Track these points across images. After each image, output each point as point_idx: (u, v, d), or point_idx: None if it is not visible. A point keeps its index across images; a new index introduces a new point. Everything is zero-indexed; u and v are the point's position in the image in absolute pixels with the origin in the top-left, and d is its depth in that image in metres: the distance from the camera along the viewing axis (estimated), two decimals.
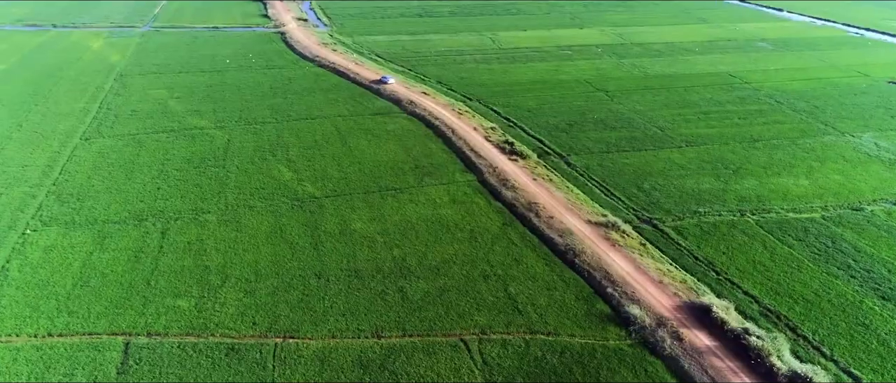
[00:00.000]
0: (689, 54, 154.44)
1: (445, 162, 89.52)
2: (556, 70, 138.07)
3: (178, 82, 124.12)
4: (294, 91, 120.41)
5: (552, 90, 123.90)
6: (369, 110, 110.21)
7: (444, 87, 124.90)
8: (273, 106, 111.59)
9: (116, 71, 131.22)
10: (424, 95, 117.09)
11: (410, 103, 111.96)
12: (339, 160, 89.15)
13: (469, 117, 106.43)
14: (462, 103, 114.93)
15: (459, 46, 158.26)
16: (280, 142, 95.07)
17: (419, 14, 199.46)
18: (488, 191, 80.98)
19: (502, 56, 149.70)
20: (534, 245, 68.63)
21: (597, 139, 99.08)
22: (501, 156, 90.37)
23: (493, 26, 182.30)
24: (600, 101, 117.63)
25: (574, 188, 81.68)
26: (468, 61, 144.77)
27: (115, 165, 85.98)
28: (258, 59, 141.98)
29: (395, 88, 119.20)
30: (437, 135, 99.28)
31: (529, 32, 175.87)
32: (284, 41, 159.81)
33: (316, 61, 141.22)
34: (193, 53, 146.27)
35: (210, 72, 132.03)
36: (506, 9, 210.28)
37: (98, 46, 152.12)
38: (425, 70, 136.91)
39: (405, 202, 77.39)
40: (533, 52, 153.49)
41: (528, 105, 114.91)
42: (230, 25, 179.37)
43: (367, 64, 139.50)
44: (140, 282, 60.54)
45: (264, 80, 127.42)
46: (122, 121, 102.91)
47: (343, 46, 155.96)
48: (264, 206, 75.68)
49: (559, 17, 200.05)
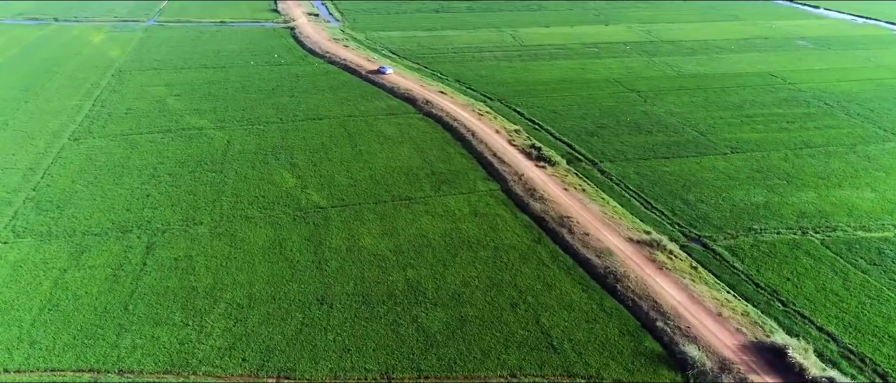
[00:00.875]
0: (724, 53, 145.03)
1: (465, 168, 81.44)
2: (582, 68, 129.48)
3: (179, 79, 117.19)
4: (301, 89, 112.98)
5: (579, 90, 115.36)
6: (382, 110, 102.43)
7: (463, 86, 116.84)
8: (278, 105, 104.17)
9: (115, 66, 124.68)
10: (441, 94, 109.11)
11: (426, 103, 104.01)
12: (347, 165, 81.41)
13: (490, 118, 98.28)
14: (482, 103, 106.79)
15: (478, 43, 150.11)
16: (284, 145, 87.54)
17: (436, 9, 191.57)
18: (514, 202, 72.76)
19: (524, 53, 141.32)
20: (568, 266, 60.35)
21: (631, 144, 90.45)
22: (527, 162, 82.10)
23: (513, 22, 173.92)
24: (632, 102, 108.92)
25: (610, 199, 73.23)
26: (488, 59, 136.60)
27: (102, 169, 78.88)
28: (263, 56, 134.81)
29: (402, 82, 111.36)
30: (455, 137, 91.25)
31: (552, 29, 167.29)
32: (293, 36, 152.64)
33: (326, 57, 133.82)
34: (197, 49, 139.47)
35: (213, 68, 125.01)
36: (526, 5, 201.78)
37: (98, 41, 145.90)
38: (442, 67, 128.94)
39: (420, 214, 69.41)
40: (557, 50, 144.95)
41: (554, 106, 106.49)
42: (237, 21, 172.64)
43: (380, 59, 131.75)
44: (116, 305, 53.08)
45: (270, 76, 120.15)
46: (115, 119, 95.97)
47: (355, 42, 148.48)
48: (263, 217, 68.09)
49: (582, 13, 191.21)
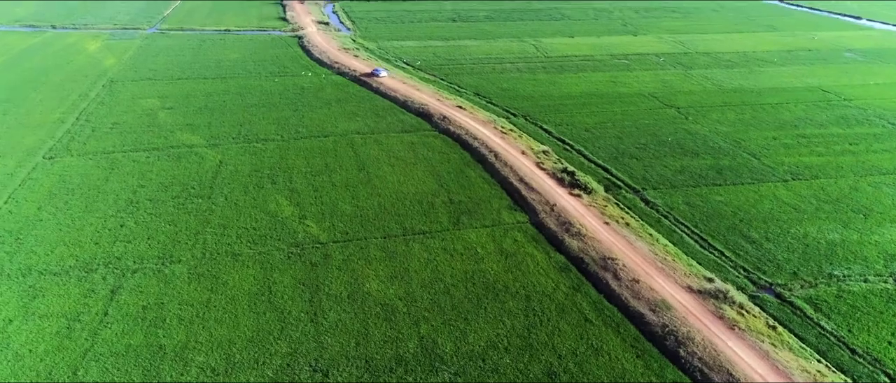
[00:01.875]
0: (766, 65, 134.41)
1: (488, 195, 71.61)
2: (613, 81, 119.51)
3: (174, 91, 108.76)
4: (306, 102, 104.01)
5: (611, 105, 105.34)
6: (394, 126, 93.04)
7: (483, 100, 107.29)
8: (280, 120, 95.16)
9: (107, 76, 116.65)
10: (460, 109, 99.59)
11: (443, 119, 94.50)
12: (353, 191, 71.89)
13: (515, 137, 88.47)
14: (505, 120, 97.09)
15: (499, 53, 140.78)
16: (282, 166, 78.29)
17: (452, 18, 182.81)
18: (546, 237, 62.72)
19: (549, 65, 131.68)
20: (616, 322, 50.14)
21: (677, 168, 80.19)
22: (560, 189, 72.10)
23: (535, 32, 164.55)
24: (672, 120, 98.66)
25: (659, 236, 62.93)
26: (510, 70, 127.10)
27: (75, 193, 69.98)
28: (266, 66, 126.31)
29: (416, 96, 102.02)
30: (476, 159, 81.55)
31: (577, 39, 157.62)
32: (301, 46, 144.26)
33: (334, 68, 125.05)
34: (197, 58, 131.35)
35: (212, 79, 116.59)
36: (548, 14, 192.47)
37: (94, 49, 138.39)
38: (460, 80, 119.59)
39: (436, 252, 59.57)
40: (583, 61, 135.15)
41: (585, 123, 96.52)
42: (243, 28, 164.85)
43: (393, 71, 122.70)
44: (64, 369, 43.65)
45: (273, 88, 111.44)
46: (98, 135, 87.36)
47: (366, 52, 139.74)
48: (252, 254, 58.58)
49: (608, 22, 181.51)
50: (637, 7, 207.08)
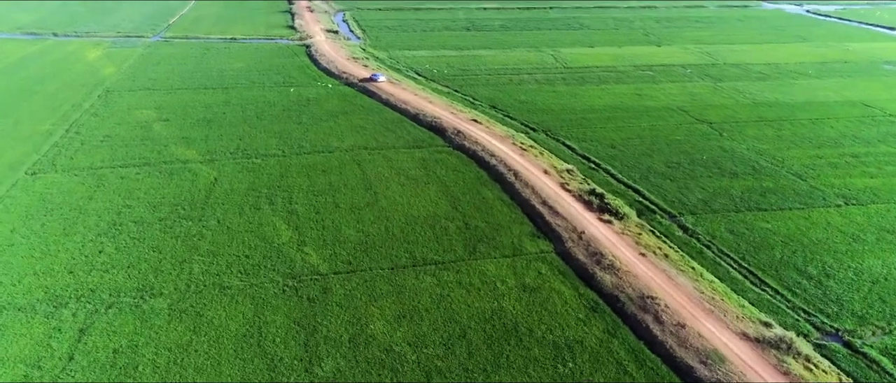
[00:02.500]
0: (800, 78, 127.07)
1: (508, 220, 64.93)
2: (638, 94, 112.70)
3: (173, 101, 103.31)
4: (311, 115, 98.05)
5: (638, 119, 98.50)
6: (404, 141, 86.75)
7: (500, 113, 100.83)
8: (282, 133, 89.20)
9: (104, 86, 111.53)
10: (475, 123, 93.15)
11: (457, 133, 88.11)
12: (358, 213, 65.50)
13: (535, 154, 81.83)
14: (524, 135, 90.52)
15: (515, 64, 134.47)
16: (283, 185, 72.12)
17: (466, 27, 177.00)
18: (574, 270, 55.89)
19: (568, 76, 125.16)
20: (660, 375, 43.15)
21: (715, 190, 73.16)
22: (587, 213, 65.28)
23: (553, 42, 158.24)
24: (705, 136, 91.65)
25: (703, 270, 55.89)
26: (527, 81, 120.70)
27: (54, 213, 64.12)
28: (271, 76, 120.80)
29: (428, 108, 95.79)
30: (493, 178, 74.98)
31: (597, 50, 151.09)
32: (308, 55, 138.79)
33: (342, 78, 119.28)
34: (199, 67, 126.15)
35: (213, 89, 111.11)
36: (566, 23, 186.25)
37: (93, 57, 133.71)
38: (475, 91, 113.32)
39: (451, 286, 52.90)
40: (606, 73, 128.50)
41: (610, 138, 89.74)
42: (250, 37, 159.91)
43: (405, 83, 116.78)
44: None
45: (277, 99, 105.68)
46: (87, 149, 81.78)
47: (376, 62, 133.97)
48: (243, 287, 52.24)
49: (629, 32, 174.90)
50: (658, 17, 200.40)
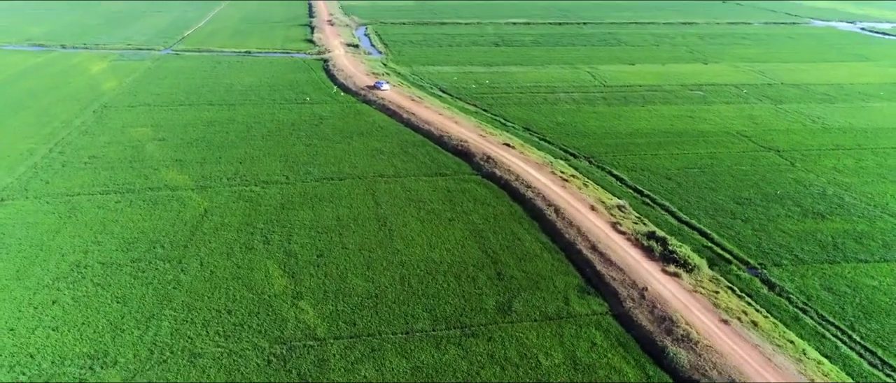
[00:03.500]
0: (872, 100, 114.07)
1: (550, 269, 53.75)
2: (690, 117, 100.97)
3: (172, 118, 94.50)
4: (323, 135, 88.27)
5: (694, 145, 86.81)
6: (426, 168, 76.28)
7: (535, 137, 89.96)
8: (288, 156, 79.44)
9: (101, 101, 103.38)
10: (507, 148, 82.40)
11: (487, 159, 77.40)
12: (368, 256, 54.90)
13: (578, 185, 70.64)
14: (564, 162, 79.46)
15: (550, 81, 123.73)
16: (282, 219, 61.97)
17: (495, 43, 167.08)
18: (638, 341, 44.39)
19: (609, 96, 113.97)
20: None
21: (799, 234, 61.10)
22: (648, 263, 53.80)
23: (589, 59, 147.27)
24: (774, 166, 79.59)
25: (805, 345, 43.94)
26: (564, 101, 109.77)
27: (11, 251, 54.63)
28: (283, 92, 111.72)
29: (454, 129, 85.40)
30: (531, 214, 63.95)
31: (638, 67, 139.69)
32: (325, 70, 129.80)
33: (360, 95, 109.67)
34: (206, 82, 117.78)
35: (219, 105, 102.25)
36: (602, 39, 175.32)
37: (97, 70, 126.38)
38: (506, 111, 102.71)
39: (480, 360, 41.80)
40: (650, 92, 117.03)
41: (665, 168, 78.22)
42: (265, 50, 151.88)
43: (428, 100, 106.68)
44: None
45: (287, 117, 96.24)
46: (67, 172, 72.80)
47: (398, 77, 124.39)
48: (218, 356, 41.75)
49: (672, 49, 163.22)
50: (701, 33, 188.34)
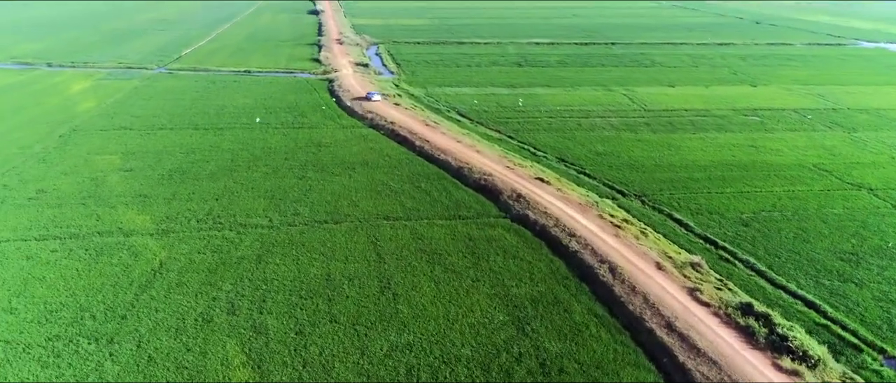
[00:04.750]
0: None
1: (611, 357, 39.43)
2: (752, 146, 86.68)
3: (148, 144, 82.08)
4: (320, 165, 75.15)
5: (765, 182, 72.46)
6: (443, 208, 62.63)
7: (573, 169, 76.14)
8: (276, 192, 66.26)
9: (72, 124, 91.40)
10: (541, 183, 68.56)
11: (517, 198, 63.60)
12: (365, 335, 41.00)
13: (634, 234, 56.46)
14: (610, 201, 65.44)
15: (582, 104, 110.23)
16: (256, 278, 48.45)
17: (518, 63, 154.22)
18: None
19: (653, 121, 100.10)
20: None
21: None
22: (749, 351, 39.25)
23: (623, 80, 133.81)
24: (873, 209, 64.93)
25: None
26: (601, 127, 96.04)
27: None
28: (280, 115, 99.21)
29: (475, 160, 71.92)
30: (578, 274, 49.86)
31: (680, 89, 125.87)
32: (330, 90, 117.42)
33: (367, 119, 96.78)
34: (195, 103, 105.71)
35: (204, 129, 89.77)
36: (634, 59, 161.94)
37: (78, 90, 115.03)
38: (535, 138, 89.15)
39: None
40: (699, 117, 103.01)
41: (736, 210, 63.88)
42: (267, 70, 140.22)
43: (445, 125, 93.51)
44: None
45: (281, 144, 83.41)
46: (2, 210, 60.05)
47: (410, 99, 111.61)
48: None
49: (712, 70, 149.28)
50: (741, 54, 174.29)
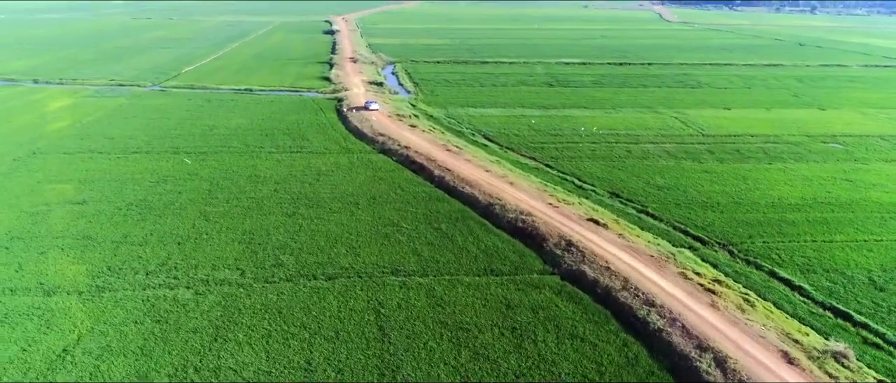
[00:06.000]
0: None
1: None
2: (847, 180, 71.24)
3: (113, 171, 69.05)
4: (315, 199, 61.25)
5: (885, 227, 56.99)
6: (469, 260, 48.09)
7: (631, 207, 61.32)
8: (256, 235, 52.31)
9: (35, 146, 78.90)
10: (595, 225, 53.81)
11: (567, 247, 48.90)
12: None
13: (735, 303, 41.31)
14: (688, 251, 50.44)
15: (628, 128, 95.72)
16: (206, 366, 34.14)
17: (548, 83, 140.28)
18: None
19: (715, 148, 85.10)
20: None
21: None
22: None
23: (670, 101, 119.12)
24: None
25: None
26: (655, 154, 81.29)
27: None
28: (276, 138, 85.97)
29: (509, 194, 57.58)
30: (665, 364, 34.86)
31: (737, 112, 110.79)
32: (337, 111, 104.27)
33: (378, 143, 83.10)
34: (182, 123, 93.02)
35: (185, 153, 76.56)
36: (677, 80, 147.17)
37: (55, 108, 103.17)
38: (578, 166, 74.67)
39: None
40: (770, 144, 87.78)
41: (860, 266, 48.49)
42: (270, 88, 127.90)
43: (469, 151, 79.53)
44: None
45: (272, 171, 69.86)
46: None
47: (429, 121, 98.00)
48: None
49: (767, 92, 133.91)
50: (798, 75, 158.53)
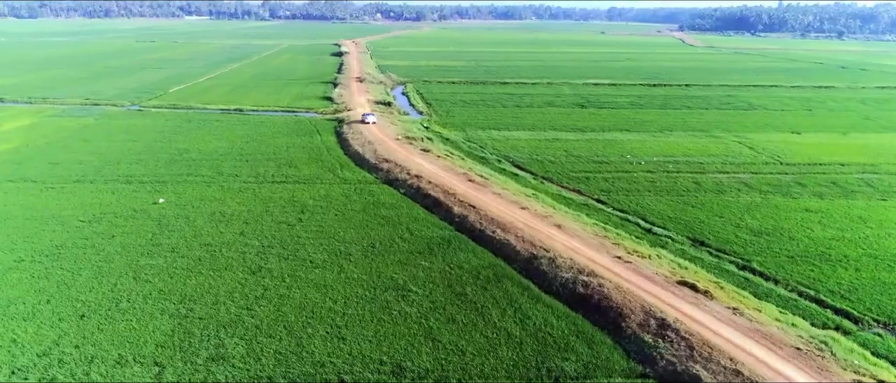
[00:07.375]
0: None
1: None
2: None
3: (37, 206, 54.14)
4: (293, 246, 45.63)
5: None
6: (512, 353, 32.07)
7: (727, 260, 45.12)
8: (199, 303, 36.63)
9: None
10: (691, 292, 37.69)
11: (659, 330, 32.85)
12: None
13: None
14: (835, 333, 34.19)
15: (687, 154, 79.86)
16: None
17: (580, 104, 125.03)
18: None
19: (804, 179, 68.87)
20: None
21: None
22: None
23: (727, 125, 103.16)
24: None
25: None
26: (732, 187, 65.20)
27: None
28: (259, 165, 70.93)
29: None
30: None
31: (808, 137, 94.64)
32: (337, 133, 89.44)
33: (380, 171, 67.74)
34: (150, 147, 78.47)
35: (139, 183, 61.64)
36: (724, 102, 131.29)
37: (7, 129, 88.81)
38: (641, 204, 58.73)
39: None
40: (871, 175, 71.30)
41: None
42: (263, 108, 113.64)
43: (496, 181, 64.01)
44: None
45: (241, 207, 54.50)
46: None
47: (445, 144, 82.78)
48: None
49: (831, 114, 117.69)
50: (861, 97, 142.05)
